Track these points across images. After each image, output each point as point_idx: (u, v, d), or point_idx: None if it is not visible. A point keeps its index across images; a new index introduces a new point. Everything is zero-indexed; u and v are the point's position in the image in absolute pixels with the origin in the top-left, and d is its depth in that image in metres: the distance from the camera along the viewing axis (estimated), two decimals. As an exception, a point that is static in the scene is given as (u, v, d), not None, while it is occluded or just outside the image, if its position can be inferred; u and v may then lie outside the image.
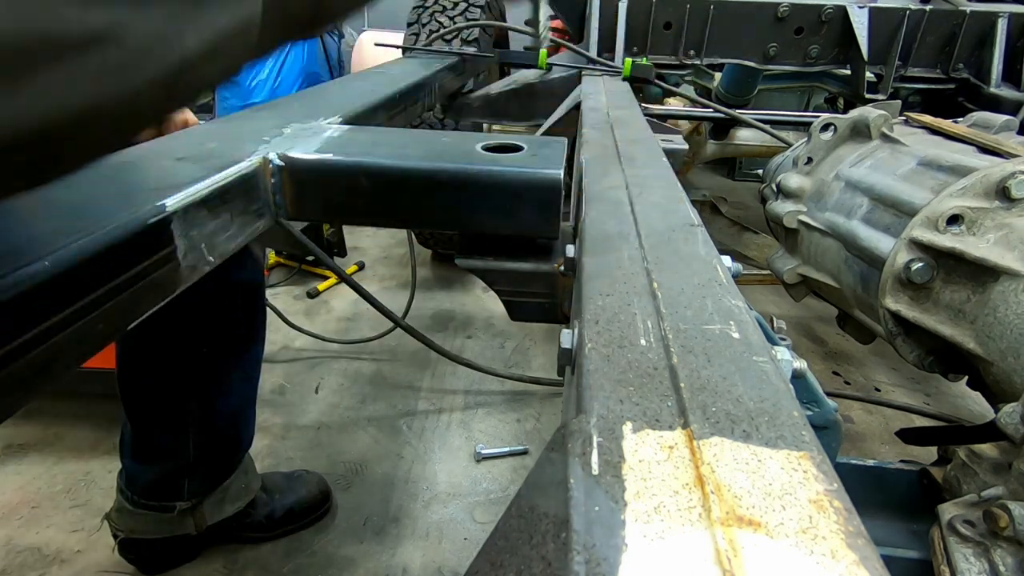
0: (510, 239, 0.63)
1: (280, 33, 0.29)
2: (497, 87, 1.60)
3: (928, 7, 1.56)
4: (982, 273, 0.68)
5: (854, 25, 1.53)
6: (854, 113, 0.94)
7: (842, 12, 1.55)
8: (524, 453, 1.44)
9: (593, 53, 1.54)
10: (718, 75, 1.56)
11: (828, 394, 0.56)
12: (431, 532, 1.22)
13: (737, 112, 1.32)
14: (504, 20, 1.91)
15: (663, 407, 0.25)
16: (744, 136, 1.93)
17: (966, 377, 0.79)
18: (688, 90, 1.62)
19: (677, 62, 1.65)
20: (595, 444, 0.22)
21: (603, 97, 1.06)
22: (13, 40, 0.19)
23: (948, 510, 0.58)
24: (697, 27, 1.61)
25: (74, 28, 0.20)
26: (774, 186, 1.02)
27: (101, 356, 0.42)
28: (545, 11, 0.61)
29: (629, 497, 0.20)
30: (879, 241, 0.77)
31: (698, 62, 1.64)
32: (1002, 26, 1.55)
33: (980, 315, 0.68)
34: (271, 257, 2.25)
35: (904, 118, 0.96)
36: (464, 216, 0.58)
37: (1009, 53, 1.57)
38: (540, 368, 1.75)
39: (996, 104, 1.51)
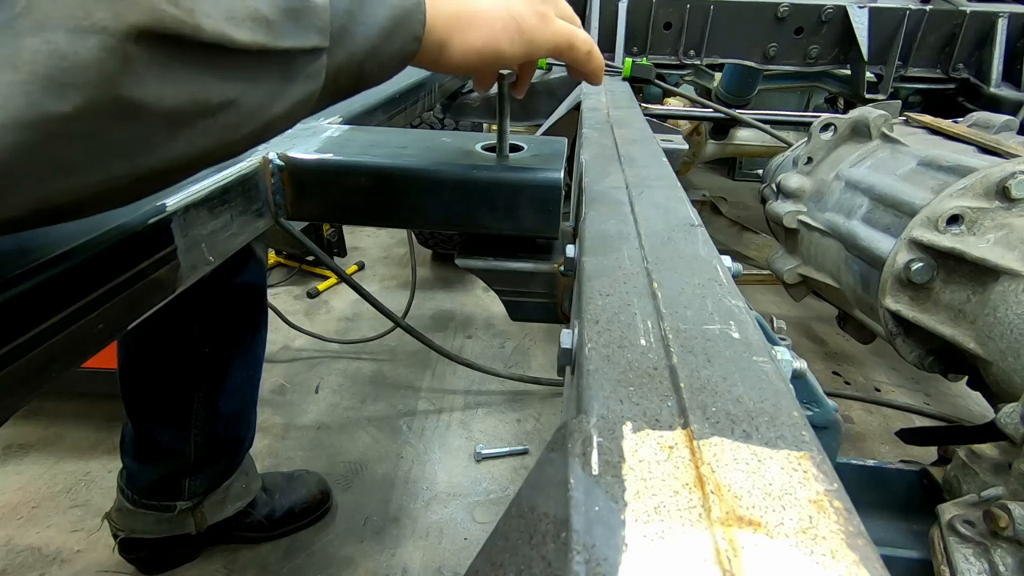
0: (510, 239, 0.63)
1: (331, 99, 0.38)
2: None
3: (928, 7, 1.56)
4: (982, 273, 0.68)
5: (854, 25, 1.53)
6: (854, 113, 0.94)
7: (842, 12, 1.55)
8: (524, 453, 1.44)
9: (593, 53, 1.54)
10: (718, 75, 1.56)
11: (828, 394, 0.56)
12: (431, 532, 1.22)
13: (737, 112, 1.32)
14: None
15: (663, 407, 0.25)
16: (744, 136, 1.93)
17: (966, 377, 0.79)
18: (688, 90, 1.62)
19: (677, 62, 1.65)
20: (595, 444, 0.22)
21: (603, 97, 1.06)
22: (187, 104, 0.27)
23: (948, 510, 0.58)
24: (697, 27, 1.61)
25: (215, 97, 0.28)
26: (774, 186, 1.02)
27: (102, 356, 0.42)
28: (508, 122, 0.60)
29: (629, 497, 0.20)
30: (879, 241, 0.77)
31: (698, 62, 1.64)
32: (1002, 26, 1.55)
33: (980, 315, 0.68)
34: (271, 257, 2.25)
35: (904, 118, 0.96)
36: (464, 216, 0.58)
37: (1009, 53, 1.56)
38: (540, 368, 1.75)
39: (996, 104, 1.50)
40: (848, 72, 1.63)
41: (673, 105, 1.58)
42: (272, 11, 0.29)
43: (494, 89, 0.55)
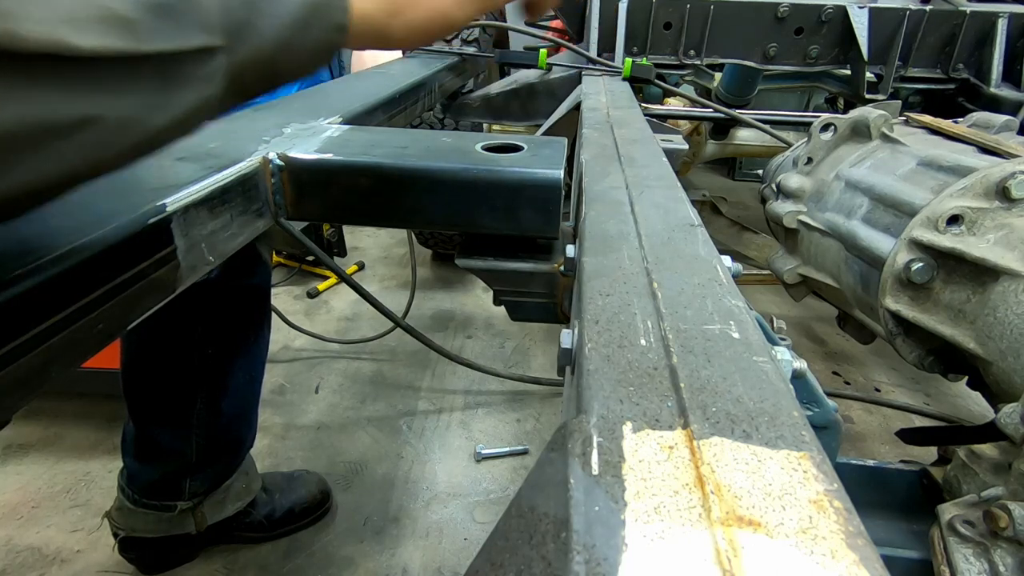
0: (510, 239, 0.63)
1: (241, 100, 0.33)
2: (497, 87, 1.60)
3: (928, 7, 1.56)
4: (982, 273, 0.68)
5: (854, 25, 1.53)
6: (854, 113, 0.94)
7: (842, 12, 1.55)
8: (524, 453, 1.44)
9: (593, 53, 1.54)
10: (718, 75, 1.56)
11: (828, 394, 0.56)
12: (431, 532, 1.22)
13: (737, 112, 1.32)
14: (504, 20, 1.91)
15: (663, 407, 0.25)
16: (744, 136, 1.93)
17: (966, 377, 0.79)
18: (688, 90, 1.62)
19: (677, 62, 1.65)
20: (595, 444, 0.22)
21: (603, 97, 1.06)
22: (15, 128, 0.23)
23: (948, 510, 0.58)
24: (697, 27, 1.60)
25: (63, 115, 0.24)
26: (774, 186, 1.02)
27: (103, 356, 0.42)
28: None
29: (629, 497, 0.20)
30: (879, 241, 0.77)
31: (698, 62, 1.64)
32: (1002, 26, 1.54)
33: (980, 315, 0.68)
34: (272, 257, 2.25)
35: (904, 118, 0.96)
36: (464, 216, 0.58)
37: (1009, 53, 1.56)
38: (540, 368, 1.75)
39: (996, 104, 1.50)
40: (848, 72, 1.63)
41: (673, 105, 1.58)
42: (133, 9, 0.25)
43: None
